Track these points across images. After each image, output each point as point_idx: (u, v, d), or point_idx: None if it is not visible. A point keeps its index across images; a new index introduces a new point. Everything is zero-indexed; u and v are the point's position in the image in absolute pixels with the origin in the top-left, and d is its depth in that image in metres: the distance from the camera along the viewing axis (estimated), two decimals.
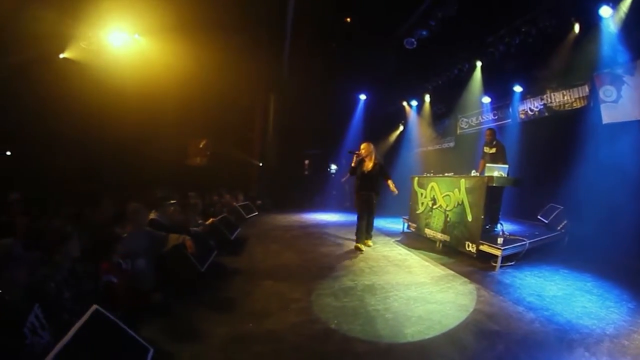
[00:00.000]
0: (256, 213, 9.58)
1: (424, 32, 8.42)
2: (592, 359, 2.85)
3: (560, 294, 4.26)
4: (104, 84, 8.37)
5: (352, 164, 6.42)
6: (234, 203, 9.14)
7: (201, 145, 12.81)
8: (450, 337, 3.13)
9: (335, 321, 3.33)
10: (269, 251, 6.03)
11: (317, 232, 7.90)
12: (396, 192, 6.42)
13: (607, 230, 6.07)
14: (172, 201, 5.19)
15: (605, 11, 6.50)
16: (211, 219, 6.08)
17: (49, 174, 8.30)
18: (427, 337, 3.11)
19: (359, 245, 6.34)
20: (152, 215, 4.71)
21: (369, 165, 6.29)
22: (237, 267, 4.98)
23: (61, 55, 7.90)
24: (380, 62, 10.39)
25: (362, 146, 6.45)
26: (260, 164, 13.04)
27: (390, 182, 6.47)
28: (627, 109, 6.75)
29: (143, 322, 3.14)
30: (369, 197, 6.38)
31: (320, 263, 5.32)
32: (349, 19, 9.27)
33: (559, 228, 6.78)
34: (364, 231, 6.49)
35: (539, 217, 7.40)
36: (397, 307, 3.70)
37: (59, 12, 6.83)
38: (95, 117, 8.77)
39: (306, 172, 15.19)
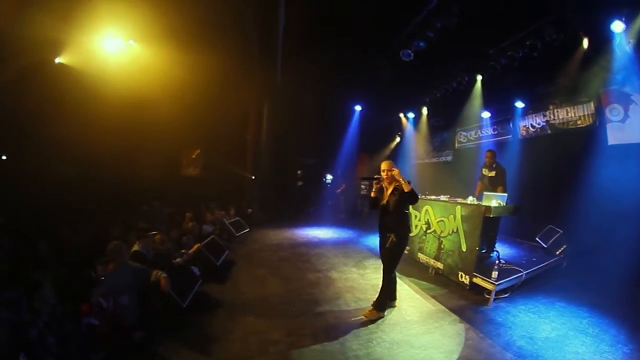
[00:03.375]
0: (247, 230, 9.47)
1: (421, 44, 8.22)
2: None
3: (553, 336, 4.10)
4: (97, 90, 8.26)
5: (372, 194, 4.76)
6: (225, 220, 9.00)
7: (194, 156, 12.65)
8: None
9: None
10: (254, 278, 5.88)
11: (306, 254, 7.70)
12: None
13: (607, 256, 5.95)
14: (154, 232, 5.11)
15: (617, 26, 6.26)
16: (197, 245, 5.97)
17: (34, 187, 8.11)
18: None
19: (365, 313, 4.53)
20: (136, 247, 4.68)
21: (387, 192, 4.62)
22: (221, 298, 4.86)
23: (57, 60, 7.79)
24: (376, 73, 10.26)
25: (383, 166, 4.61)
26: (253, 177, 12.88)
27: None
28: (635, 130, 6.57)
29: None
30: (383, 240, 4.70)
31: (305, 294, 5.16)
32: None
33: (557, 252, 6.67)
34: (385, 292, 4.63)
35: (537, 239, 7.27)
36: (379, 353, 3.55)
37: (54, 17, 6.72)
38: (86, 124, 8.60)
39: (300, 183, 15.04)
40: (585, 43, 6.98)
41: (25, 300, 2.93)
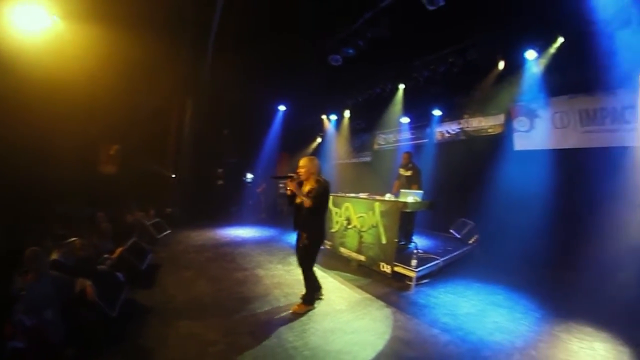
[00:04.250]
0: (169, 231, 9.16)
1: (351, 51, 8.52)
2: None
3: (473, 311, 4.71)
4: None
5: (288, 191, 4.62)
6: (145, 221, 8.62)
7: (112, 152, 11.60)
8: None
9: None
10: (182, 281, 5.73)
11: (231, 254, 7.68)
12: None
13: (515, 243, 6.90)
14: (73, 238, 4.78)
15: (530, 54, 7.37)
16: (119, 249, 5.65)
17: None
18: None
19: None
20: (55, 256, 4.32)
21: (304, 190, 4.51)
22: (151, 304, 4.67)
23: None
24: (303, 75, 10.44)
25: (301, 163, 4.57)
26: (174, 175, 12.38)
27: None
28: (537, 139, 7.79)
29: None
30: (298, 239, 4.73)
31: (235, 293, 5.18)
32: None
33: (470, 242, 7.51)
34: (309, 286, 4.73)
35: (451, 230, 8.10)
36: (315, 342, 3.75)
37: None
38: None
39: (220, 182, 14.81)
40: (501, 65, 7.97)
41: None
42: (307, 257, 4.69)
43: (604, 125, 6.76)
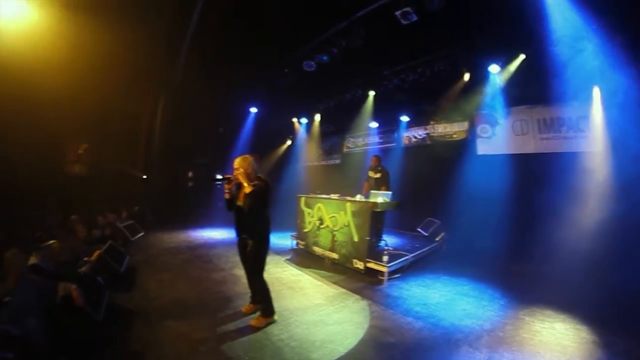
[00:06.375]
0: (142, 233, 9.11)
1: (325, 58, 8.72)
2: (475, 353, 3.58)
3: (443, 300, 5.12)
4: None
5: (226, 195, 4.33)
6: (118, 223, 8.53)
7: (81, 151, 11.03)
8: (354, 356, 3.55)
9: (246, 357, 3.46)
10: (161, 282, 5.79)
11: (207, 255, 7.80)
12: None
13: (478, 239, 7.49)
14: (51, 241, 4.72)
15: (493, 68, 7.94)
16: (97, 252, 5.60)
17: None
18: (333, 359, 3.46)
19: (244, 309, 4.62)
20: (33, 260, 4.18)
21: (245, 191, 4.13)
22: (133, 307, 4.70)
23: None
24: (276, 78, 10.56)
25: (236, 162, 4.28)
26: (145, 176, 12.23)
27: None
28: (499, 145, 8.50)
29: None
30: (242, 244, 4.42)
31: (216, 293, 5.30)
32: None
33: (437, 239, 8.02)
34: (264, 295, 4.34)
35: (418, 229, 8.57)
36: (300, 334, 3.98)
37: None
38: None
39: (190, 184, 14.69)
40: (467, 76, 8.53)
41: None
42: (256, 262, 4.29)
43: (560, 132, 7.52)
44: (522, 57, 7.49)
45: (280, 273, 6.43)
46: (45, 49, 7.16)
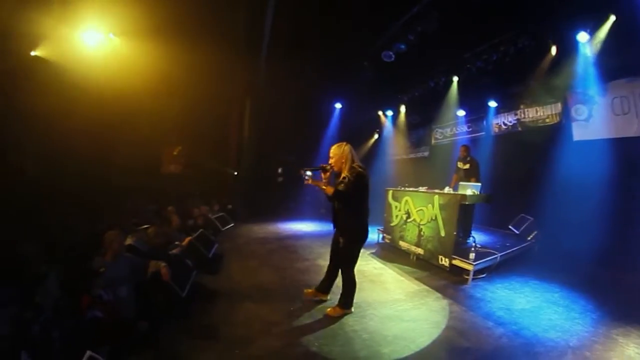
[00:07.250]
0: (232, 224, 9.62)
1: (402, 46, 8.53)
2: None
3: (529, 307, 4.55)
4: (74, 84, 7.83)
5: (323, 187, 4.10)
6: (210, 215, 9.13)
7: (175, 153, 12.57)
8: (424, 356, 3.31)
9: (316, 344, 3.44)
10: (246, 268, 6.05)
11: (293, 245, 7.96)
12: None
13: (573, 240, 6.51)
14: (146, 226, 5.17)
15: (582, 37, 6.90)
16: (188, 238, 6.06)
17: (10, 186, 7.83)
18: (402, 356, 3.28)
19: (307, 291, 4.67)
20: (129, 241, 4.70)
21: (336, 181, 4.02)
22: (217, 288, 4.98)
23: (32, 53, 7.48)
24: (357, 72, 10.56)
25: (331, 152, 4.11)
26: (236, 173, 12.99)
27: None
28: (597, 128, 7.21)
29: (131, 354, 3.16)
30: (336, 239, 4.31)
31: (297, 281, 5.38)
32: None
33: (529, 238, 7.24)
34: (327, 279, 4.55)
35: (510, 227, 7.84)
36: (374, 327, 3.84)
37: (31, 10, 6.55)
38: (61, 120, 8.27)
39: (280, 179, 15.22)
40: (554, 50, 7.54)
41: (28, 295, 2.86)
42: (345, 259, 4.14)
43: None
44: (612, 18, 6.35)
45: (363, 266, 6.27)
46: (141, 73, 8.43)
